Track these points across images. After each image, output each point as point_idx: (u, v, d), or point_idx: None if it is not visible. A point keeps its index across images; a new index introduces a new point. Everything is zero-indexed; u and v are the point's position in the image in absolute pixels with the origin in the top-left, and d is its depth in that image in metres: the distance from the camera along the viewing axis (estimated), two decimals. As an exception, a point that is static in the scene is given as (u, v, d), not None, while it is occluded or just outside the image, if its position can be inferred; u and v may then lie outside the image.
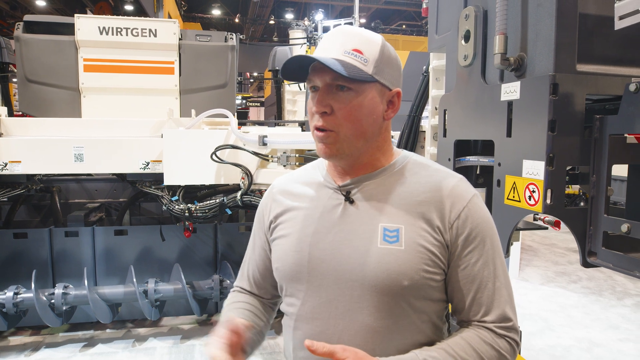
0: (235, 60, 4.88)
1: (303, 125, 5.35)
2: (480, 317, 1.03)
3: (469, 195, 1.05)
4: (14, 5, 19.77)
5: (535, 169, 1.50)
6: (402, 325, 1.01)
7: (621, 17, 1.32)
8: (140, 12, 17.35)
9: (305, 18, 16.72)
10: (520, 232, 5.11)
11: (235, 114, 4.50)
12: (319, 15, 7.03)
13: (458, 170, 2.15)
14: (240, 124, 4.64)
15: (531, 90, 1.53)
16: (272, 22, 22.47)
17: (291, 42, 6.63)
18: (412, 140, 2.80)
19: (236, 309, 1.20)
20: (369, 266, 1.00)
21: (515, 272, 5.88)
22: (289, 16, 21.70)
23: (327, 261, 1.04)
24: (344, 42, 1.01)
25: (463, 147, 2.14)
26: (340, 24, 7.10)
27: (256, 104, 24.26)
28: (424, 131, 2.76)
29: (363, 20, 21.96)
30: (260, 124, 6.52)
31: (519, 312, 1.05)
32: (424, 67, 2.71)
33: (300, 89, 6.94)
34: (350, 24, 6.54)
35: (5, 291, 3.67)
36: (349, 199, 1.07)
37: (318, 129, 1.04)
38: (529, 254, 6.95)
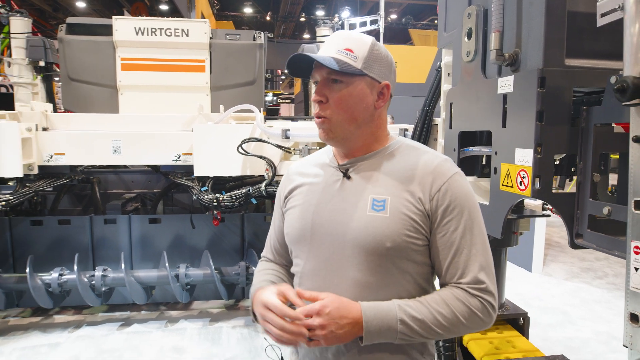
0: (263, 57, 5.08)
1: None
2: (456, 279, 1.18)
3: (450, 172, 1.20)
4: (56, 7, 20.64)
5: (525, 157, 1.63)
6: (387, 282, 1.17)
7: (602, 15, 1.43)
8: (174, 11, 17.85)
9: (336, 15, 16.87)
10: (535, 223, 5.13)
11: (262, 109, 4.69)
12: (345, 13, 7.16)
13: (463, 160, 2.29)
14: (270, 120, 4.81)
15: (523, 84, 1.65)
16: (302, 19, 22.66)
17: (318, 39, 6.78)
18: (425, 133, 2.93)
19: (265, 274, 1.39)
20: (358, 230, 1.17)
21: (539, 267, 5.88)
22: (320, 13, 21.83)
23: (326, 226, 1.22)
24: (338, 43, 1.19)
25: (469, 138, 2.26)
26: (366, 22, 7.22)
27: (287, 100, 24.56)
28: (437, 124, 2.88)
29: (394, 17, 21.89)
30: (290, 119, 6.72)
31: (539, 305, 1.14)
32: (438, 63, 2.83)
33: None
34: (376, 21, 6.65)
35: (51, 272, 4.00)
36: (346, 175, 1.25)
37: (317, 116, 1.23)
38: (556, 249, 6.91)
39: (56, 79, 6.36)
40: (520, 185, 1.66)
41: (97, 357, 3.67)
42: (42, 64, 5.82)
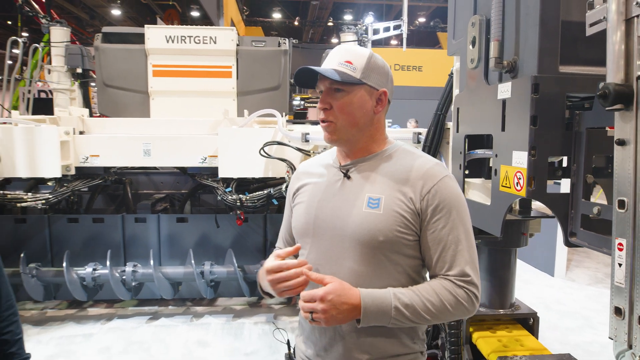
0: (288, 63, 5.23)
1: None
2: (444, 272, 1.29)
3: (441, 175, 1.31)
4: (92, 15, 21.44)
5: (521, 159, 1.72)
6: (380, 272, 1.30)
7: (591, 25, 1.51)
8: (204, 17, 18.33)
9: (359, 21, 16.98)
10: (557, 227, 5.08)
11: (286, 114, 4.84)
12: (368, 18, 7.29)
13: (471, 162, 2.38)
14: (300, 124, 4.95)
15: (519, 90, 1.74)
16: (330, 24, 22.86)
17: (342, 44, 6.90)
18: (437, 136, 3.03)
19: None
20: (355, 225, 1.30)
21: (562, 272, 5.84)
22: (347, 17, 21.97)
23: (327, 221, 1.35)
24: (339, 56, 1.33)
25: (476, 142, 2.35)
26: (389, 27, 7.31)
27: (314, 104, 24.78)
28: (449, 128, 2.97)
29: (422, 20, 21.85)
30: (316, 123, 6.88)
31: (559, 309, 1.22)
32: (452, 69, 2.93)
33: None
34: (399, 26, 6.75)
35: (85, 267, 4.26)
36: (347, 176, 1.38)
37: (322, 121, 1.36)
38: (581, 255, 6.82)
39: (92, 84, 6.69)
40: (517, 185, 1.75)
41: (127, 348, 3.89)
42: (79, 71, 6.13)
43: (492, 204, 1.99)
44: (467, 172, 2.40)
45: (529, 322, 2.82)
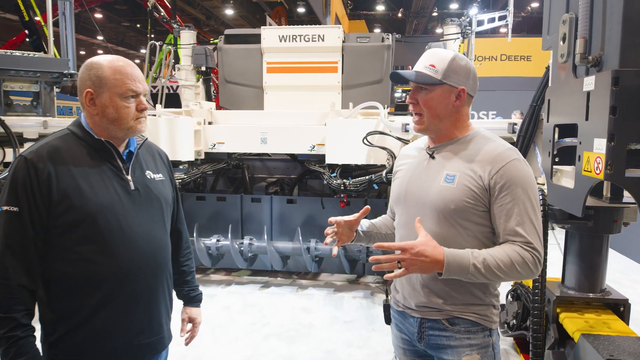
0: (390, 57, 5.52)
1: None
2: (512, 239, 1.55)
3: (510, 158, 1.58)
4: (208, 15, 23.27)
5: (601, 145, 1.90)
6: (452, 234, 1.60)
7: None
8: (310, 13, 19.10)
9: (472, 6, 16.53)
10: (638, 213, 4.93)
11: (387, 106, 5.15)
12: (473, 10, 7.27)
13: (564, 151, 2.54)
14: (401, 115, 5.23)
15: (601, 83, 1.91)
16: (435, 14, 22.50)
17: (445, 37, 7.02)
18: (532, 126, 3.17)
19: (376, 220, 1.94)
20: (433, 195, 1.62)
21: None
22: (454, 6, 21.42)
23: (414, 192, 1.69)
24: (425, 60, 1.65)
25: (568, 131, 2.51)
26: (494, 18, 7.24)
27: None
28: (543, 119, 3.10)
29: (535, 5, 20.62)
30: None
31: None
32: (549, 62, 3.05)
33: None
34: (505, 16, 6.67)
35: (210, 238, 4.98)
36: (432, 156, 1.70)
37: (412, 113, 1.70)
38: None
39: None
40: (596, 170, 1.93)
41: (244, 308, 4.52)
42: (203, 69, 6.95)
43: (575, 187, 2.17)
44: (557, 159, 2.56)
45: (619, 309, 2.87)
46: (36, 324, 1.53)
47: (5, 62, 4.51)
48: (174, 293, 1.94)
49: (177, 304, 1.97)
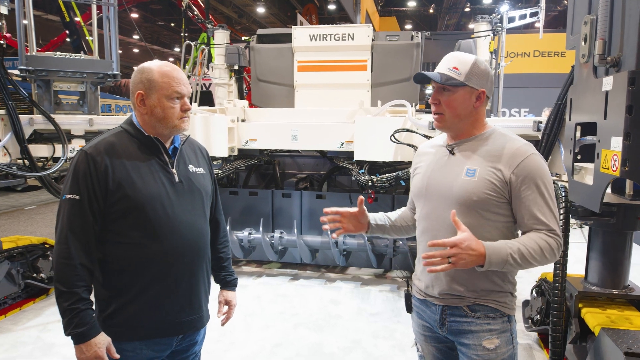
0: (419, 55, 5.58)
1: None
2: (536, 227, 1.66)
3: (528, 153, 1.68)
4: (240, 13, 23.65)
5: (618, 143, 1.97)
6: (475, 225, 1.71)
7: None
8: (341, 10, 19.17)
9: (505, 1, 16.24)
10: None
11: (415, 104, 5.22)
12: (504, 7, 7.23)
13: (582, 147, 2.60)
14: (422, 113, 5.32)
15: (619, 83, 1.98)
16: (467, 9, 22.20)
17: (476, 34, 7.03)
18: (557, 124, 3.22)
19: (392, 213, 2.08)
20: (455, 189, 1.74)
21: None
22: (487, 0, 21.07)
23: (435, 186, 1.81)
24: (449, 62, 1.76)
25: (589, 129, 2.57)
26: (525, 14, 7.20)
27: (447, 93, 24.30)
28: (568, 117, 3.15)
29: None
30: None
31: None
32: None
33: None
34: (536, 13, 6.62)
35: (243, 231, 5.19)
36: (452, 152, 1.82)
37: (434, 112, 1.81)
38: None
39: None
40: (613, 167, 2.00)
41: (274, 298, 4.71)
42: (236, 67, 7.17)
43: (594, 184, 2.24)
44: (579, 157, 2.62)
45: (644, 305, 2.91)
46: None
47: (54, 64, 4.82)
48: (211, 277, 2.11)
49: (214, 288, 2.14)
